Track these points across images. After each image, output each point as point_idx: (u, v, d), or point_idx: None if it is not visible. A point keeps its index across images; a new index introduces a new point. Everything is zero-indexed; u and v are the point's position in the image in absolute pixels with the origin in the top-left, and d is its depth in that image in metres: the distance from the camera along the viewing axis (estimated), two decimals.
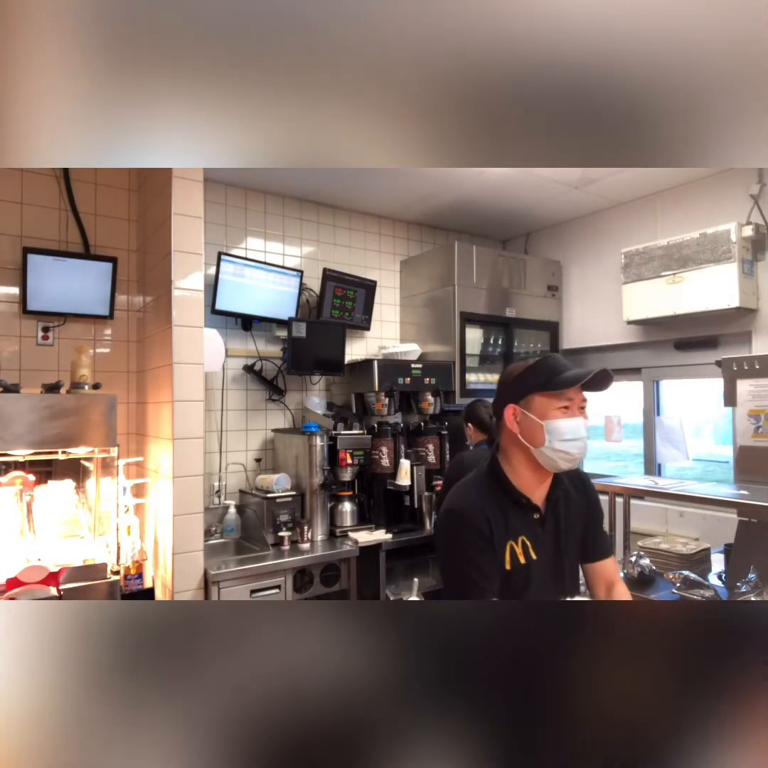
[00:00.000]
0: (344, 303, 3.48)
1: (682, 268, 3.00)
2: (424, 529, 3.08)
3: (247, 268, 3.13)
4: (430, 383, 3.32)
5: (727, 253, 2.83)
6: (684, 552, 2.30)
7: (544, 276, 3.84)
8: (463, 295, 3.45)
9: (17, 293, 2.64)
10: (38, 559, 2.12)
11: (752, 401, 2.43)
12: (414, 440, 3.27)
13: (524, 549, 1.38)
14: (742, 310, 2.86)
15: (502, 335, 3.69)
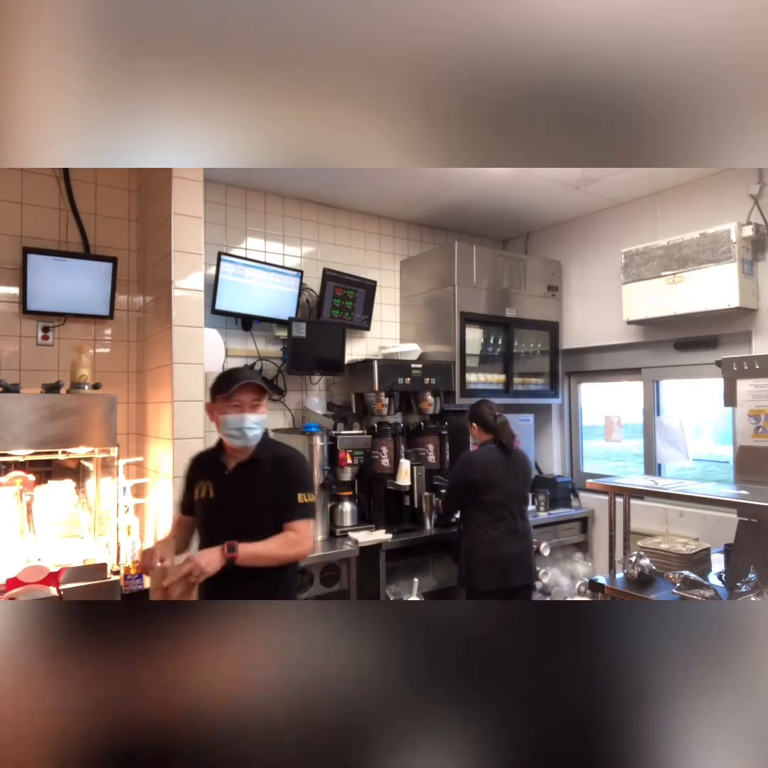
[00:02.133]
0: (344, 303, 3.48)
1: (682, 268, 3.00)
2: (424, 529, 3.08)
3: (247, 268, 3.13)
4: (430, 383, 3.32)
5: (727, 253, 2.82)
6: (684, 552, 2.30)
7: (544, 276, 3.83)
8: (463, 295, 3.45)
9: (17, 293, 2.63)
10: (38, 559, 2.12)
11: (752, 401, 2.42)
12: (414, 440, 3.26)
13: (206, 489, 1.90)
14: (742, 310, 2.86)
15: (502, 335, 3.69)
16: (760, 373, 2.41)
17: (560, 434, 4.06)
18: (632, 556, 2.26)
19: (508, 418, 2.85)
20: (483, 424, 2.81)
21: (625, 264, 3.27)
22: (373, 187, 3.33)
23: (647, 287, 3.17)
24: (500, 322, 3.65)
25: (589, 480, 2.53)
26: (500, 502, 2.71)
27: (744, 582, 1.96)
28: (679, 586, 2.04)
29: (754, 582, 1.94)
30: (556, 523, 3.49)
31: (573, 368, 3.95)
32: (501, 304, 3.62)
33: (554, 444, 4.05)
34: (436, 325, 3.58)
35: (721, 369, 2.55)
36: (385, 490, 3.07)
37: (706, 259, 2.90)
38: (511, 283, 3.67)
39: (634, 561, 2.23)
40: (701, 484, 2.45)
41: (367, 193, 3.41)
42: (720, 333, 3.08)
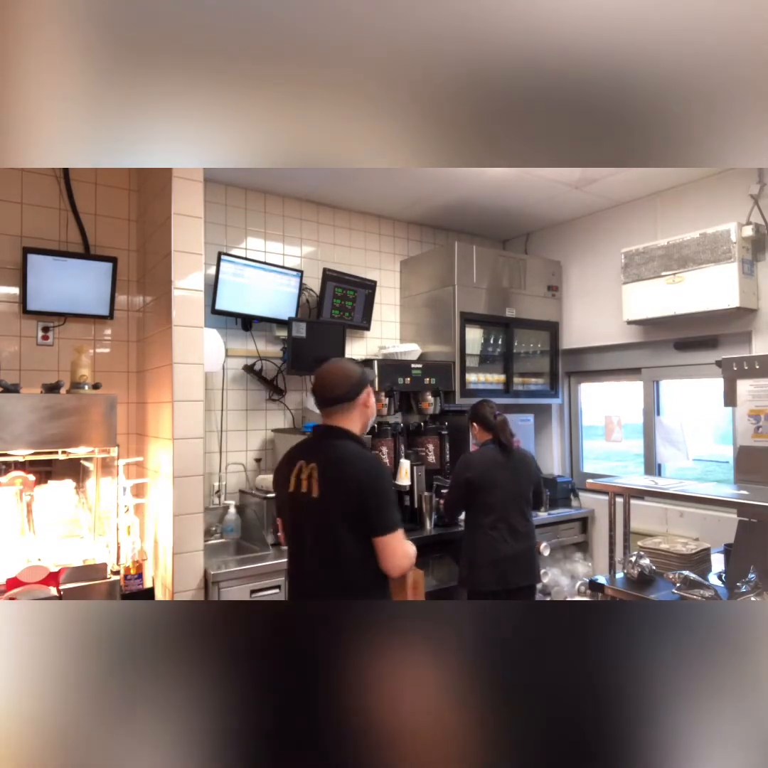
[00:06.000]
0: (344, 303, 3.48)
1: (682, 268, 3.00)
2: (424, 529, 3.07)
3: (247, 268, 3.13)
4: (430, 383, 3.32)
5: (727, 253, 2.82)
6: (684, 552, 2.30)
7: (544, 276, 3.83)
8: (463, 295, 3.45)
9: (17, 293, 2.63)
10: (38, 559, 2.12)
11: (752, 401, 2.42)
12: (414, 440, 3.26)
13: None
14: (742, 310, 2.86)
15: (502, 335, 3.69)
16: (760, 373, 2.41)
17: (560, 434, 4.06)
18: (632, 556, 2.25)
19: (507, 418, 2.85)
20: (483, 423, 2.81)
21: (625, 264, 3.27)
22: (373, 187, 3.33)
23: (647, 287, 3.17)
24: (500, 322, 3.64)
25: (589, 480, 2.53)
26: (500, 502, 2.70)
27: (744, 582, 1.95)
28: (679, 586, 2.04)
29: (754, 582, 1.94)
30: (556, 523, 3.49)
31: (573, 368, 3.95)
32: (501, 304, 3.62)
33: (554, 444, 4.05)
34: (436, 325, 3.58)
35: (721, 369, 2.54)
36: None
37: (706, 259, 2.90)
38: (511, 283, 3.67)
39: (634, 561, 2.23)
40: (701, 484, 2.44)
41: (367, 193, 3.41)
42: (720, 333, 3.08)
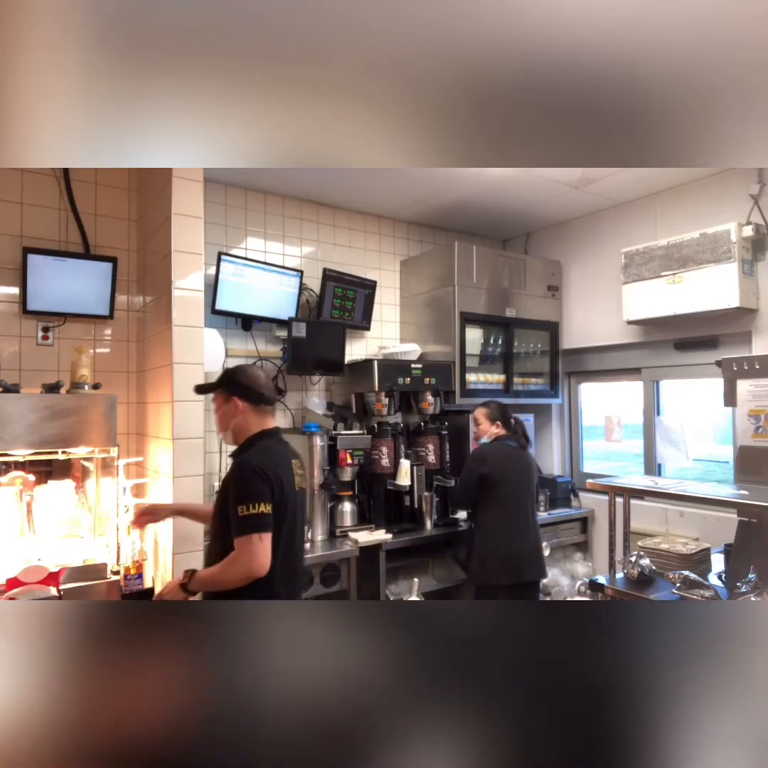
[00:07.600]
0: (344, 303, 3.48)
1: (682, 268, 3.00)
2: (424, 529, 3.08)
3: (247, 268, 3.13)
4: (430, 383, 3.32)
5: (727, 253, 2.82)
6: (684, 552, 2.30)
7: (544, 276, 3.83)
8: (463, 295, 3.45)
9: (17, 293, 2.63)
10: (38, 559, 2.12)
11: (752, 401, 2.42)
12: (414, 440, 3.26)
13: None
14: (742, 310, 2.86)
15: (502, 335, 3.69)
16: (760, 373, 2.41)
17: (560, 434, 4.06)
18: (632, 556, 2.25)
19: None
20: (504, 422, 2.91)
21: (625, 264, 3.27)
22: (373, 187, 3.33)
23: (647, 287, 3.17)
24: (500, 322, 3.65)
25: (589, 480, 2.53)
26: (513, 498, 2.74)
27: (744, 582, 1.95)
28: (679, 586, 2.04)
29: (754, 582, 1.94)
30: (556, 523, 3.49)
31: (573, 368, 3.95)
32: (501, 304, 3.62)
33: (554, 444, 4.05)
34: (436, 325, 3.58)
35: (721, 369, 2.55)
36: (385, 490, 3.07)
37: (706, 259, 2.90)
38: (511, 283, 3.67)
39: (634, 561, 2.23)
40: (701, 484, 2.44)
41: (367, 193, 3.41)
42: (720, 333, 3.08)
